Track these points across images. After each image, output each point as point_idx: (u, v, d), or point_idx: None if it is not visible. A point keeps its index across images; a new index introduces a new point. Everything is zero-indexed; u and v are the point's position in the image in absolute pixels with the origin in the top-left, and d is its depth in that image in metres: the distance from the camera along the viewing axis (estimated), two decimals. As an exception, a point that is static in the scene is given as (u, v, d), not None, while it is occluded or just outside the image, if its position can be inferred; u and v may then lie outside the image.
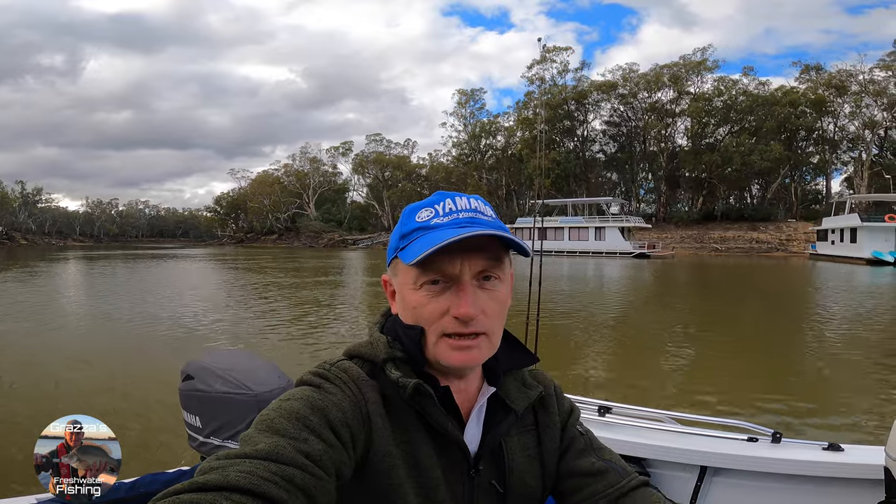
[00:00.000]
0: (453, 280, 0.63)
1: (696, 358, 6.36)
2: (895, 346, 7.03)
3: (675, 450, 1.49)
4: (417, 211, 0.67)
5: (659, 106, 50.40)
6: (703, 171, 47.13)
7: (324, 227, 67.98)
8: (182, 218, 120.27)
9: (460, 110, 62.16)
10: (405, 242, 0.66)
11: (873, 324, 8.88)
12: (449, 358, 0.63)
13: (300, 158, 75.49)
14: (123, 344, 6.97)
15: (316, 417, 0.57)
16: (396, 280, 0.69)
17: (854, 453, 1.39)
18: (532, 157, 50.20)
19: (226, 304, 11.15)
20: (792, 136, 46.47)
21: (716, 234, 42.39)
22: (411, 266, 0.63)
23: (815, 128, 46.14)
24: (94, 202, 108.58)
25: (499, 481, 0.69)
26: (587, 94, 52.54)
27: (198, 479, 0.48)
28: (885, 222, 28.89)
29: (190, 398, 1.38)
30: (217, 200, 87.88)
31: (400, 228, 0.68)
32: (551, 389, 0.78)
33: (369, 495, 0.61)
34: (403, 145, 71.62)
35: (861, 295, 13.75)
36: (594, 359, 6.43)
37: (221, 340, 7.16)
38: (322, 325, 8.36)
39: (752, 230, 41.99)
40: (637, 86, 50.73)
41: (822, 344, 7.32)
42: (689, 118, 49.14)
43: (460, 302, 0.62)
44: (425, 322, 0.64)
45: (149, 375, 5.05)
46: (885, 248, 27.42)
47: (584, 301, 11.86)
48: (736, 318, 10.16)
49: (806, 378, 5.57)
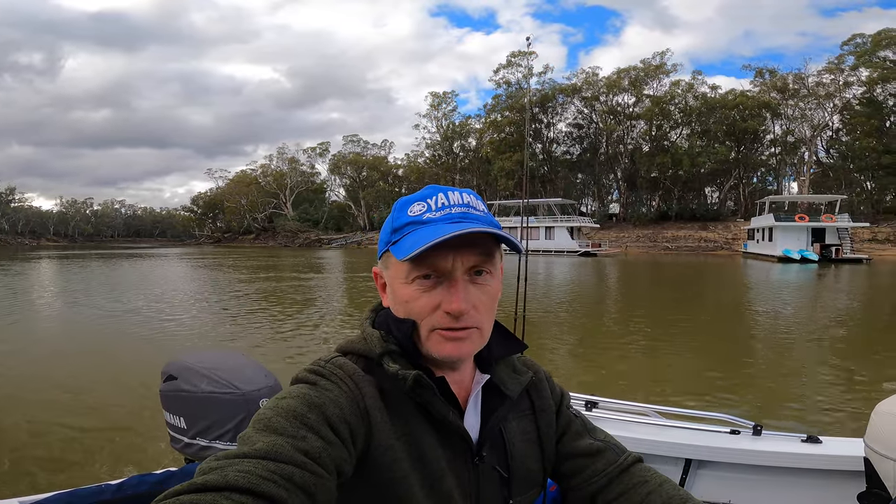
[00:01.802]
0: (445, 275, 0.63)
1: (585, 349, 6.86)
2: (784, 338, 7.56)
3: (661, 443, 1.52)
4: (409, 205, 0.66)
5: (618, 109, 52.31)
6: (656, 172, 49.23)
7: (300, 226, 68.72)
8: (160, 217, 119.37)
9: (433, 112, 63.53)
10: (397, 237, 0.65)
11: (757, 315, 10.13)
12: (441, 350, 0.64)
13: (277, 159, 76.21)
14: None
15: (313, 415, 0.56)
16: (388, 273, 0.68)
17: (832, 445, 1.44)
18: (498, 158, 51.92)
19: (174, 301, 11.84)
20: (741, 139, 48.68)
21: (669, 234, 44.30)
22: (403, 261, 0.63)
23: (761, 130, 48.22)
24: (68, 202, 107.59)
25: (502, 466, 0.70)
26: (551, 98, 54.37)
27: (197, 479, 0.48)
28: (795, 222, 31.07)
29: (173, 399, 1.36)
30: (194, 200, 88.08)
31: (392, 222, 0.67)
32: (542, 374, 0.80)
33: (374, 490, 0.61)
34: (380, 146, 72.85)
35: (751, 289, 15.45)
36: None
37: (171, 338, 7.25)
38: (264, 317, 9.44)
39: (702, 229, 44.07)
40: (598, 89, 52.67)
41: (701, 332, 8.06)
42: (644, 121, 51.26)
43: (452, 298, 0.62)
44: (417, 316, 0.65)
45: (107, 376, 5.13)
46: (797, 246, 29.49)
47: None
48: (617, 311, 11.27)
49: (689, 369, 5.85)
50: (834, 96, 45.69)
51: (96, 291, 13.49)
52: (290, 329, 7.93)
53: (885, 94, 43.55)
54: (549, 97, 54.13)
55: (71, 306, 10.79)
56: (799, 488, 1.43)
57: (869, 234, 37.64)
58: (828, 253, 28.93)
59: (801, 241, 30.22)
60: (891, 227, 38.27)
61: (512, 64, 53.83)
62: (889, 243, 36.37)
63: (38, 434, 3.62)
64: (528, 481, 0.73)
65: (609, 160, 53.75)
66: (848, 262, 27.76)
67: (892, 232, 37.32)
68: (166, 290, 13.71)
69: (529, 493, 0.73)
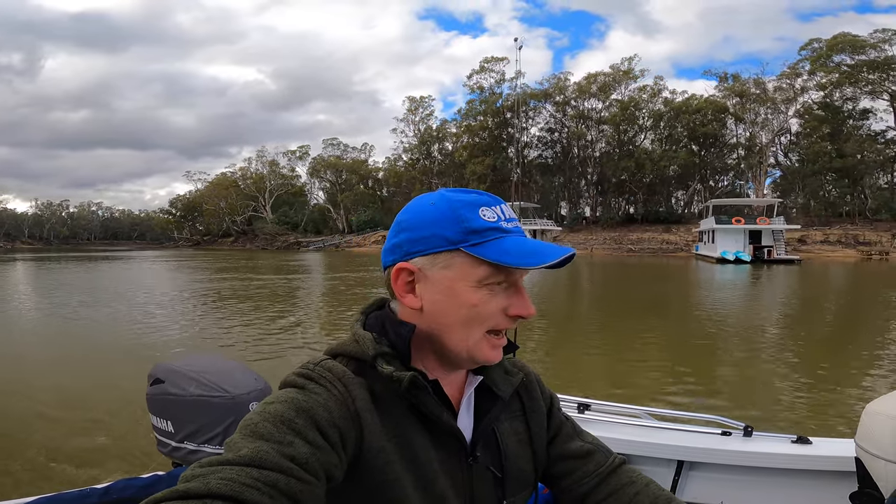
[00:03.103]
0: (513, 282, 0.66)
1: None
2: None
3: (653, 445, 1.52)
4: (477, 208, 0.65)
5: (586, 114, 53.56)
6: (623, 176, 50.55)
7: (278, 229, 68.90)
8: (138, 220, 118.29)
9: (410, 116, 64.26)
10: (479, 239, 0.64)
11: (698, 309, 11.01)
12: (490, 354, 0.66)
13: (256, 162, 76.29)
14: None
15: (301, 419, 0.56)
16: (446, 274, 0.65)
17: (823, 446, 1.44)
18: (470, 162, 52.84)
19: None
20: (703, 143, 50.16)
21: (634, 236, 45.51)
22: (489, 265, 0.63)
23: (722, 134, 49.77)
24: (44, 204, 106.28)
25: (496, 467, 0.71)
26: (523, 103, 55.50)
27: (179, 487, 0.48)
28: (732, 224, 32.68)
29: (160, 402, 1.36)
30: (172, 203, 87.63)
31: (461, 222, 0.64)
32: (532, 376, 0.82)
33: (367, 493, 0.61)
34: (360, 149, 73.35)
35: (680, 286, 16.66)
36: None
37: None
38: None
39: (666, 232, 45.37)
40: (567, 94, 53.91)
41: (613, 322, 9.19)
42: (610, 125, 52.58)
43: (525, 303, 0.65)
44: (480, 320, 0.64)
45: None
46: (736, 247, 31.04)
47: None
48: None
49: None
50: (793, 101, 47.29)
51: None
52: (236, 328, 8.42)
53: (841, 98, 45.11)
54: (521, 102, 55.26)
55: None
56: (790, 489, 1.44)
57: (821, 236, 39.29)
58: (760, 254, 30.66)
59: (739, 243, 31.70)
60: (843, 229, 39.96)
61: (485, 69, 54.89)
62: (840, 245, 38.02)
63: (22, 438, 3.60)
64: (520, 482, 0.73)
65: (579, 164, 55.05)
66: (780, 263, 29.25)
67: (844, 234, 38.98)
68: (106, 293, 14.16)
69: (522, 493, 0.74)
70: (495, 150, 53.55)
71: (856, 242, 37.58)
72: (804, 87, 46.56)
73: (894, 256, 34.59)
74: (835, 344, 7.56)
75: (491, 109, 54.02)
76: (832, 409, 4.45)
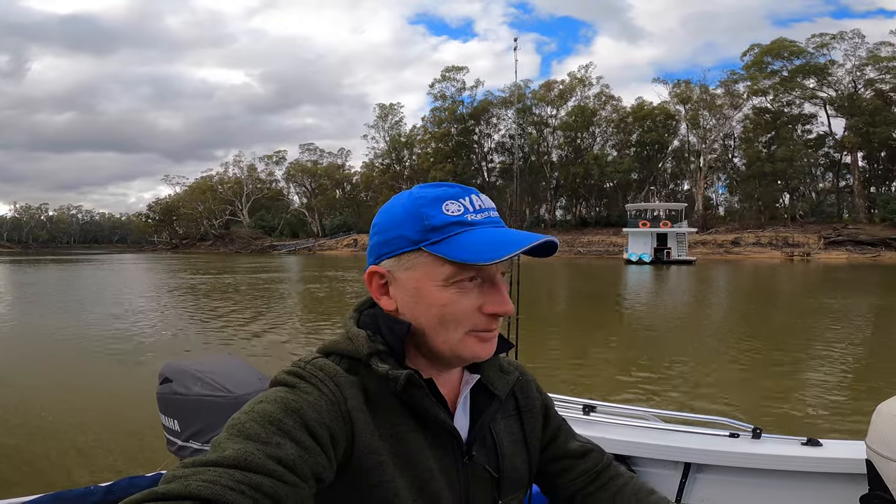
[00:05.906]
0: (487, 278, 0.63)
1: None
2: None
3: (660, 447, 1.51)
4: (441, 203, 0.62)
5: (541, 120, 55.66)
6: (575, 180, 52.89)
7: (253, 233, 70.40)
8: (118, 223, 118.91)
9: (380, 123, 66.11)
10: (439, 236, 0.61)
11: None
12: (477, 349, 0.63)
13: (234, 166, 77.84)
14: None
15: (290, 420, 0.54)
16: (412, 275, 0.63)
17: (833, 448, 1.43)
18: (433, 168, 54.96)
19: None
20: (650, 148, 52.18)
21: (585, 239, 47.55)
22: (453, 263, 0.60)
23: (666, 140, 51.85)
24: (23, 207, 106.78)
25: (492, 466, 0.69)
26: (486, 110, 57.77)
27: (159, 488, 0.46)
28: (639, 228, 35.05)
29: (168, 402, 1.39)
30: (150, 207, 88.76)
31: (421, 219, 0.62)
32: (527, 375, 0.81)
33: (360, 494, 0.59)
34: (337, 154, 75.10)
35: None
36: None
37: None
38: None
39: (614, 235, 47.59)
40: (525, 101, 55.71)
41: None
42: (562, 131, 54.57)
43: (502, 300, 0.63)
44: (454, 319, 0.62)
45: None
46: (644, 249, 33.54)
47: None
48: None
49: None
50: (740, 107, 49.16)
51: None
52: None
53: (780, 103, 46.89)
54: (481, 110, 57.55)
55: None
56: (800, 492, 1.42)
57: (753, 238, 41.86)
58: (661, 255, 33.20)
59: (647, 246, 34.10)
60: (774, 231, 42.52)
61: (446, 78, 57.07)
62: (770, 246, 40.57)
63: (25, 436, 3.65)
64: (515, 482, 0.72)
65: (537, 170, 57.45)
66: (676, 264, 31.71)
67: (775, 236, 41.50)
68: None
69: (517, 492, 0.73)
70: (458, 156, 55.73)
71: (785, 244, 39.76)
72: (747, 93, 48.23)
73: (816, 257, 37.12)
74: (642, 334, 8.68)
75: (452, 117, 56.22)
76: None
